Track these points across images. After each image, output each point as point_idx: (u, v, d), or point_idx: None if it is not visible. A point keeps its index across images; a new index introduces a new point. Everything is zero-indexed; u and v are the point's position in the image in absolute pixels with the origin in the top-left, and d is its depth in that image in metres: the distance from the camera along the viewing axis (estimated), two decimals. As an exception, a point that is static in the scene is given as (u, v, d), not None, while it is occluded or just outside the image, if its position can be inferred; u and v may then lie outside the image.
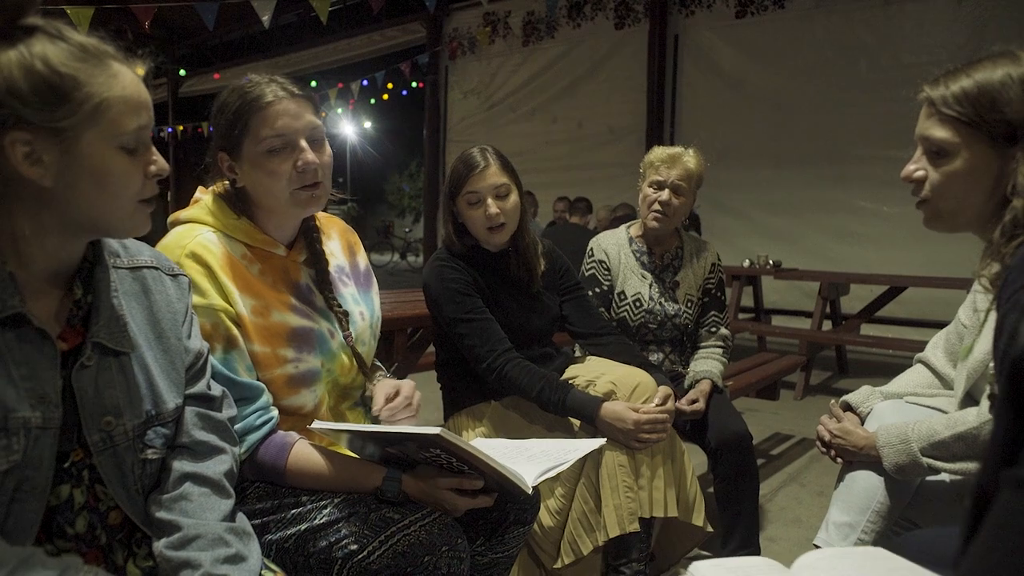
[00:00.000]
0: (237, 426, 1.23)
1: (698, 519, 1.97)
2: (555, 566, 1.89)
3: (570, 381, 1.95)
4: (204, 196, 1.41)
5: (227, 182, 1.40)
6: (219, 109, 1.36)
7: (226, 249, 1.32)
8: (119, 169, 0.92)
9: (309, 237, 1.48)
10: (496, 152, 1.96)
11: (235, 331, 1.28)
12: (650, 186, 2.38)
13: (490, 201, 1.90)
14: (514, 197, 1.94)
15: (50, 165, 0.87)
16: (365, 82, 10.97)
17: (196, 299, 1.23)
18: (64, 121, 0.86)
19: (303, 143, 1.33)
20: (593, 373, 1.97)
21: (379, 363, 1.64)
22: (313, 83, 12.24)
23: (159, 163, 0.98)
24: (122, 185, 0.92)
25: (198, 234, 1.31)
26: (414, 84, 11.16)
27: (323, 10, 5.96)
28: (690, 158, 2.36)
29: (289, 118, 1.32)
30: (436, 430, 1.18)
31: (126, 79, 0.91)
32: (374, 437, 1.31)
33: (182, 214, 1.38)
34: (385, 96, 11.38)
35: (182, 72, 14.67)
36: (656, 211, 2.35)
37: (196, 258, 1.27)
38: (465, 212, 1.95)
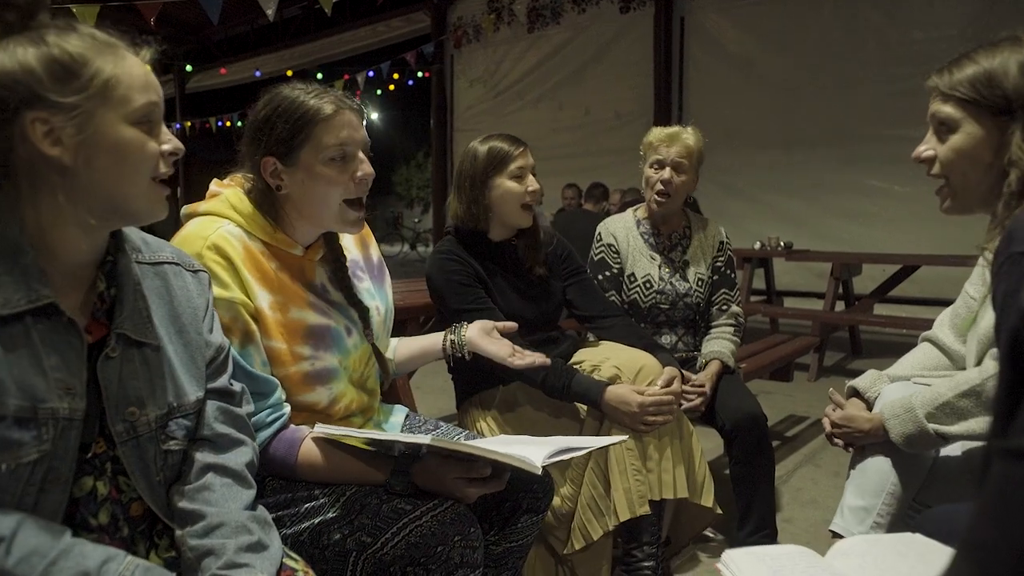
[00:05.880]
0: None
1: (707, 500, 1.97)
2: (565, 551, 1.90)
3: (575, 366, 1.96)
4: (223, 190, 1.40)
5: (251, 181, 1.39)
6: (273, 114, 1.34)
7: (246, 243, 1.32)
8: (135, 143, 0.94)
9: (328, 235, 1.47)
10: None
11: (253, 326, 1.29)
12: (651, 167, 2.38)
13: (531, 178, 1.98)
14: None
15: (69, 143, 0.90)
16: (371, 73, 10.96)
17: (216, 291, 1.23)
18: (77, 96, 0.89)
19: (361, 155, 1.37)
20: (598, 358, 1.98)
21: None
22: (319, 75, 12.24)
23: (173, 141, 1.00)
24: (139, 159, 0.95)
25: (219, 227, 1.30)
26: (420, 74, 11.14)
27: (327, 2, 5.96)
28: (689, 135, 2.36)
29: (351, 130, 1.35)
30: (426, 439, 1.19)
31: (132, 61, 0.96)
32: (373, 442, 1.33)
33: (200, 206, 1.37)
34: (391, 87, 11.38)
35: (188, 68, 14.69)
36: (659, 190, 2.36)
37: (218, 250, 1.27)
38: (504, 187, 1.98)
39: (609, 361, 1.94)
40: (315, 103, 1.32)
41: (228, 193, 1.38)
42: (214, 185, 1.43)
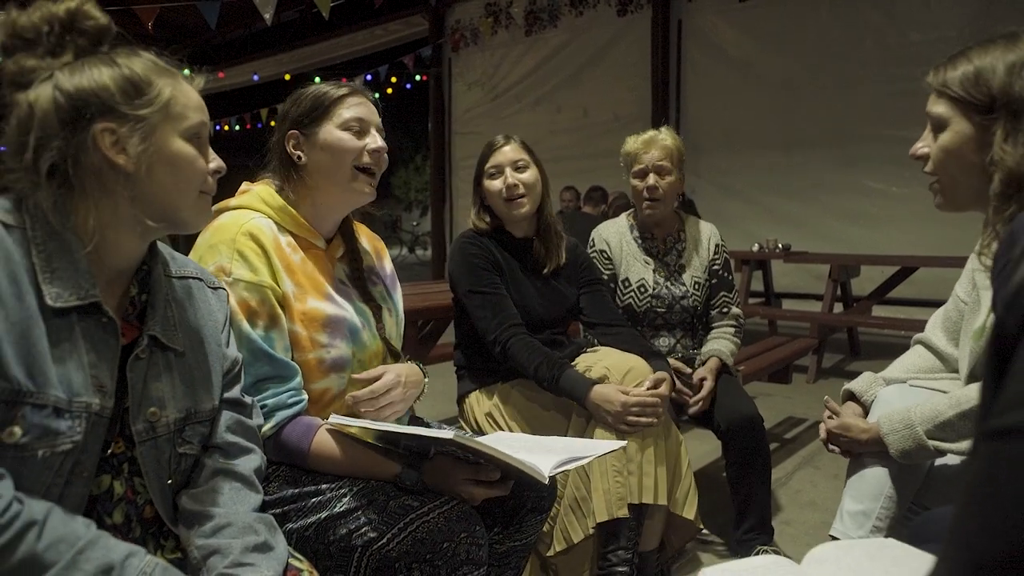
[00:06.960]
0: (269, 402, 1.31)
1: (689, 512, 1.93)
2: (548, 554, 1.89)
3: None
4: (254, 187, 1.50)
5: (276, 167, 1.50)
6: (297, 97, 1.51)
7: (276, 234, 1.41)
8: (189, 156, 1.05)
9: (347, 234, 1.57)
10: (518, 138, 2.12)
11: (279, 310, 1.36)
12: (635, 177, 2.41)
13: (508, 171, 2.03)
14: (533, 172, 2.06)
15: (133, 152, 0.99)
16: (369, 77, 10.96)
17: (247, 275, 1.32)
18: (143, 110, 1.00)
19: (375, 132, 1.51)
20: (592, 360, 2.00)
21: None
22: (316, 79, 12.21)
23: (217, 161, 1.13)
24: (192, 171, 1.05)
25: (252, 217, 1.41)
26: (418, 77, 11.13)
27: (324, 5, 5.95)
28: (665, 136, 2.39)
29: (367, 110, 1.51)
30: (449, 434, 1.22)
31: (186, 85, 1.09)
32: (389, 435, 1.35)
33: (231, 202, 1.47)
34: (389, 90, 11.36)
35: (186, 72, 14.67)
36: (647, 199, 2.37)
37: (252, 237, 1.36)
38: (487, 186, 2.08)
39: (601, 363, 1.95)
40: (334, 88, 1.50)
41: (259, 189, 1.48)
42: (244, 185, 1.52)
